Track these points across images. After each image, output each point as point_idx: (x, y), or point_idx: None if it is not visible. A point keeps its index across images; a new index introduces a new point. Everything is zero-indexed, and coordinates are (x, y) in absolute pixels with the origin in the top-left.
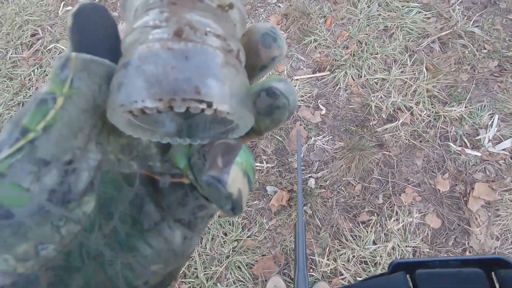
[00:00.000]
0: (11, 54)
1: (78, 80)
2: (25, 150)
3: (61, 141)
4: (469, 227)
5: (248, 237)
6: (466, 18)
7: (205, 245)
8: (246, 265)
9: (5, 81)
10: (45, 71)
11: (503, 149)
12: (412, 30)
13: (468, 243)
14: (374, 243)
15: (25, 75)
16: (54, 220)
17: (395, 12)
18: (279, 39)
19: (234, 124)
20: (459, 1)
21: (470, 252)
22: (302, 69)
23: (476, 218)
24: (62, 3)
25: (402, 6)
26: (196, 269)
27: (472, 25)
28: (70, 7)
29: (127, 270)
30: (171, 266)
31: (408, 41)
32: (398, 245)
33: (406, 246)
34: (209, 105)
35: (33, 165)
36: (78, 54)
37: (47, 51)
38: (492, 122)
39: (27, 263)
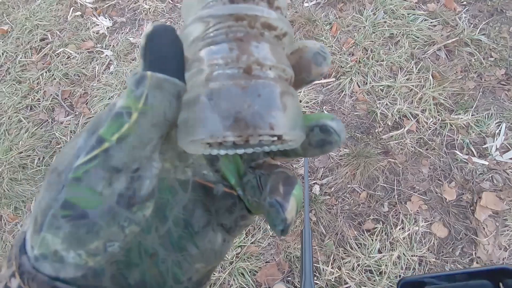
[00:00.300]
0: (21, 58)
1: (152, 97)
2: (99, 158)
3: (132, 152)
4: (476, 237)
5: (251, 243)
6: (472, 26)
7: None
8: (250, 272)
9: (14, 84)
10: (53, 74)
11: (511, 158)
12: (418, 37)
13: (475, 253)
14: (379, 251)
15: (33, 78)
16: (121, 221)
17: (401, 19)
18: (328, 58)
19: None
20: (465, 9)
21: (477, 262)
22: None
23: (484, 228)
24: (71, 8)
25: (408, 14)
26: None
27: (478, 33)
28: (79, 12)
29: (176, 267)
30: (210, 265)
31: (414, 48)
32: (403, 254)
33: (412, 256)
34: (279, 137)
35: (106, 171)
36: (153, 73)
37: (55, 55)
38: (500, 130)
39: (96, 257)
